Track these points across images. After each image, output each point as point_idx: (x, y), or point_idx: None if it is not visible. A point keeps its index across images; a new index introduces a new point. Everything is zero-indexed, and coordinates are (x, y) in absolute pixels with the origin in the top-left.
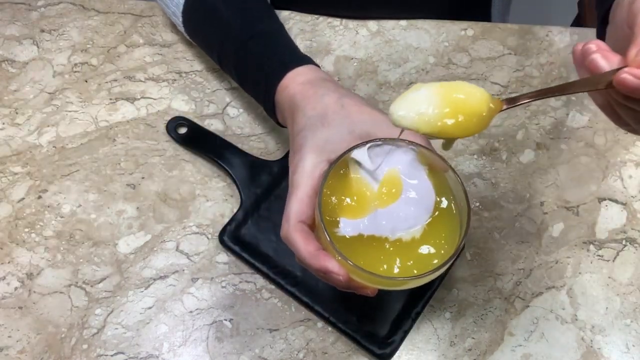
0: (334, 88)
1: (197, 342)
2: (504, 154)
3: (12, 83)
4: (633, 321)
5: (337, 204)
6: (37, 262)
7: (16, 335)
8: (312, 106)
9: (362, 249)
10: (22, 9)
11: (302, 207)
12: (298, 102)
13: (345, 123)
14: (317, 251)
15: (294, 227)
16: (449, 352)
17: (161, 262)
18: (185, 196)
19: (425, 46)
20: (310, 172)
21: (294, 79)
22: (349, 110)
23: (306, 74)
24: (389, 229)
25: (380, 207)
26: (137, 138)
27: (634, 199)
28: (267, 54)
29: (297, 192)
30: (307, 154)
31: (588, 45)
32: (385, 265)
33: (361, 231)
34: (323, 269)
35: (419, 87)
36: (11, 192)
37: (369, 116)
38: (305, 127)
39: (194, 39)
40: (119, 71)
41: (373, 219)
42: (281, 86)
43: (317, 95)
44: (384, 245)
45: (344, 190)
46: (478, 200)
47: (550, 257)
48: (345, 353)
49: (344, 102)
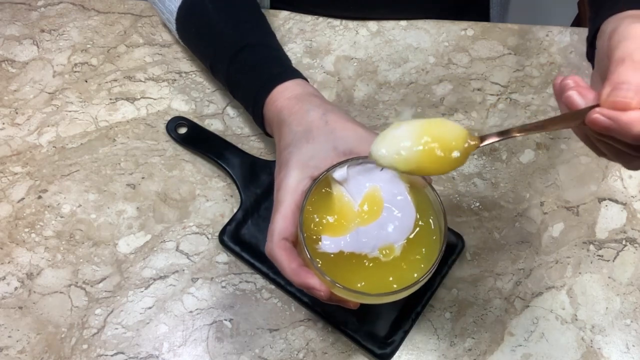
0: (319, 103)
1: (197, 342)
2: (504, 154)
3: (12, 83)
4: (633, 321)
5: (319, 222)
6: (37, 262)
7: (16, 335)
8: (298, 121)
9: (343, 266)
10: (22, 9)
11: (286, 223)
12: (285, 117)
13: (329, 139)
14: (299, 268)
15: (277, 245)
16: (449, 352)
17: (161, 262)
18: (185, 196)
19: (425, 46)
20: (294, 188)
21: (282, 93)
22: (333, 127)
23: (294, 88)
24: (369, 247)
25: (361, 225)
26: (137, 138)
27: (634, 199)
28: (256, 66)
29: (280, 209)
30: (291, 170)
31: (566, 80)
32: (363, 281)
33: (342, 248)
34: (305, 285)
35: (399, 125)
36: (11, 192)
37: (353, 132)
38: (292, 143)
39: (187, 46)
40: (119, 71)
41: (354, 236)
42: (269, 100)
43: (302, 110)
44: (363, 262)
45: (326, 208)
46: (478, 200)
47: (550, 257)
48: (345, 353)
49: (328, 119)
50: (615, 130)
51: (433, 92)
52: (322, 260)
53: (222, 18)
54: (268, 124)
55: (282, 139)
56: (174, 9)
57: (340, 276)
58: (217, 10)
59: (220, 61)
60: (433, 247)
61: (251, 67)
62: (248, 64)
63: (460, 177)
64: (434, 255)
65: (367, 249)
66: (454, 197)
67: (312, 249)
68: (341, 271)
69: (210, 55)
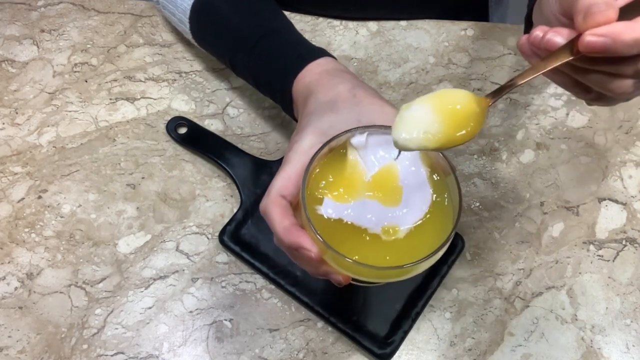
0: (349, 78)
1: (197, 342)
2: (504, 154)
3: (12, 83)
4: (633, 321)
5: (325, 183)
6: (37, 262)
7: (16, 335)
8: (325, 92)
9: (339, 235)
10: (22, 9)
11: (287, 182)
12: (312, 88)
13: (353, 111)
14: (291, 226)
15: (273, 200)
16: (449, 352)
17: (161, 262)
18: (185, 196)
19: (425, 46)
20: (305, 151)
21: (312, 69)
22: (360, 100)
23: (324, 64)
24: (372, 222)
25: (369, 199)
26: (137, 138)
27: (634, 199)
28: (282, 50)
29: (286, 168)
30: (307, 134)
31: (534, 33)
32: (357, 256)
33: (343, 216)
34: (295, 244)
35: (409, 106)
36: (11, 192)
37: (379, 107)
38: (314, 111)
39: (203, 46)
40: (119, 71)
41: (358, 207)
42: (299, 77)
43: (331, 83)
44: (361, 235)
45: (336, 171)
46: (478, 200)
47: (550, 257)
48: (345, 353)
49: (356, 92)
50: (611, 46)
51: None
52: (319, 223)
53: (238, 10)
54: (295, 104)
55: (305, 108)
56: (187, 7)
57: (335, 244)
58: (231, 3)
59: (241, 52)
60: (439, 239)
61: (275, 51)
62: (272, 49)
63: (460, 177)
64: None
65: (370, 224)
66: None
67: (311, 209)
68: (336, 240)
69: (230, 50)
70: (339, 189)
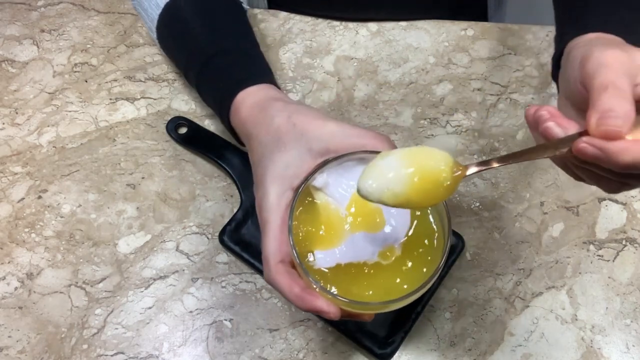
0: (282, 107)
1: (197, 342)
2: (504, 154)
3: (12, 83)
4: (633, 321)
5: (308, 236)
6: (37, 262)
7: (16, 335)
8: (265, 131)
9: (345, 278)
10: (22, 9)
11: (277, 245)
12: (250, 129)
13: (301, 143)
14: (302, 293)
15: (275, 271)
16: (449, 352)
17: (161, 262)
18: (185, 196)
19: (425, 46)
20: (277, 205)
21: (244, 101)
22: (302, 128)
23: (255, 94)
24: (368, 252)
25: (354, 231)
26: (137, 138)
27: (634, 199)
28: (224, 73)
29: (268, 231)
30: (269, 186)
31: (540, 112)
32: (371, 290)
33: (338, 260)
34: (312, 309)
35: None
36: (11, 192)
37: (324, 129)
38: (263, 155)
39: (167, 55)
40: (119, 71)
41: (349, 245)
42: (233, 110)
43: (267, 118)
44: (363, 270)
45: (312, 220)
46: (478, 200)
47: (550, 257)
48: (345, 353)
49: (295, 121)
50: (603, 159)
51: (433, 92)
52: (321, 277)
53: (199, 23)
54: (239, 135)
55: (253, 153)
56: (155, 16)
57: (345, 290)
58: (195, 16)
59: (192, 68)
60: (437, 237)
61: (219, 74)
62: (217, 71)
63: None
64: (440, 245)
65: (366, 256)
66: (454, 197)
67: (309, 268)
68: (344, 284)
69: (184, 63)
70: (323, 236)
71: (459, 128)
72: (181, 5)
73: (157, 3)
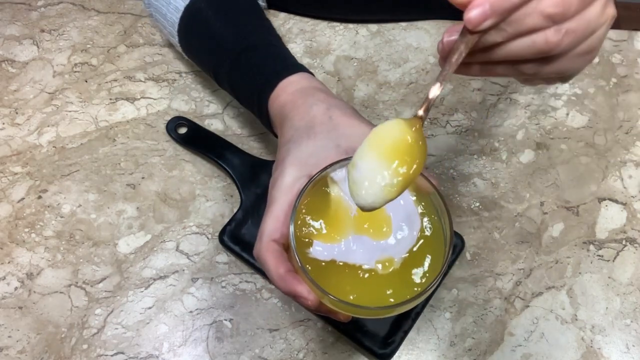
0: (324, 98)
1: (197, 342)
2: (504, 154)
3: (12, 83)
4: (633, 321)
5: (312, 225)
6: (37, 262)
7: (16, 335)
8: (300, 116)
9: (335, 275)
10: (22, 9)
11: (277, 224)
12: (287, 112)
13: (331, 136)
14: (286, 274)
15: (266, 247)
16: (449, 352)
17: (161, 262)
18: (185, 196)
19: (425, 46)
20: (289, 187)
21: (285, 88)
22: (337, 123)
23: (298, 82)
24: (365, 258)
25: (358, 234)
26: (137, 138)
27: (634, 199)
28: (259, 65)
29: (272, 209)
30: (287, 167)
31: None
32: (356, 293)
33: (334, 257)
34: (292, 292)
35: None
36: (11, 192)
37: (358, 129)
38: (291, 139)
39: (191, 59)
40: (119, 71)
41: (348, 245)
42: (273, 96)
43: (306, 104)
44: (357, 273)
45: (321, 210)
46: (478, 200)
47: (550, 257)
48: (345, 353)
49: (332, 114)
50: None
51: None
52: (312, 266)
53: (222, 23)
54: (273, 124)
55: (283, 135)
56: (175, 20)
57: (331, 286)
58: (217, 15)
59: (222, 66)
60: (437, 259)
61: (253, 68)
62: (250, 65)
63: (460, 177)
64: (437, 269)
65: (363, 261)
66: (454, 197)
67: (302, 254)
68: (332, 280)
69: (213, 63)
70: (326, 229)
71: (459, 128)
72: (201, 6)
73: (176, 7)
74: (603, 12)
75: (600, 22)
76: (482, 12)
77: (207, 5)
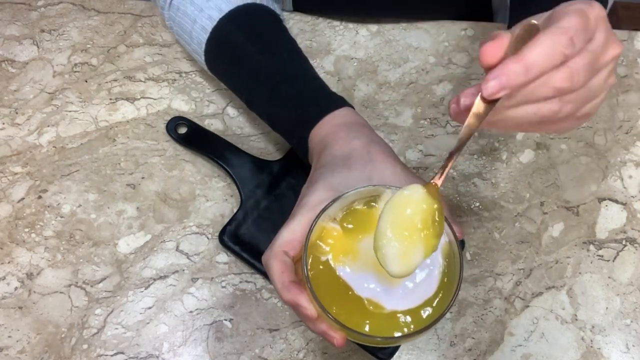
0: (366, 133)
1: (197, 342)
2: (504, 154)
3: (12, 83)
4: (633, 321)
5: (332, 243)
6: (37, 262)
7: (16, 335)
8: (340, 146)
9: (340, 296)
10: (22, 9)
11: (292, 237)
12: (329, 141)
13: (366, 169)
14: (290, 283)
15: (275, 255)
16: (449, 352)
17: (161, 262)
18: (185, 196)
19: (425, 46)
20: (314, 206)
21: (330, 121)
22: (374, 158)
23: (342, 117)
24: (374, 293)
25: (374, 268)
26: (137, 138)
27: (634, 199)
28: (301, 98)
29: (292, 222)
30: (317, 189)
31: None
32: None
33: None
34: (293, 302)
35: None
36: (11, 192)
37: (392, 168)
38: (327, 164)
39: (219, 78)
40: (119, 71)
41: (362, 275)
42: (315, 129)
43: (348, 137)
44: (362, 301)
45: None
46: (478, 200)
47: (550, 257)
48: (345, 353)
49: (371, 149)
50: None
51: (433, 92)
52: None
53: (256, 49)
54: (310, 153)
55: (319, 160)
56: (202, 39)
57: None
58: (249, 40)
59: (258, 95)
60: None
61: (294, 99)
62: (290, 97)
63: (460, 177)
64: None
65: (369, 294)
66: (454, 197)
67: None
68: (336, 301)
69: (246, 89)
70: (343, 253)
71: (459, 128)
72: (228, 29)
73: (204, 27)
74: (606, 81)
75: (601, 91)
76: (498, 84)
77: (233, 27)
